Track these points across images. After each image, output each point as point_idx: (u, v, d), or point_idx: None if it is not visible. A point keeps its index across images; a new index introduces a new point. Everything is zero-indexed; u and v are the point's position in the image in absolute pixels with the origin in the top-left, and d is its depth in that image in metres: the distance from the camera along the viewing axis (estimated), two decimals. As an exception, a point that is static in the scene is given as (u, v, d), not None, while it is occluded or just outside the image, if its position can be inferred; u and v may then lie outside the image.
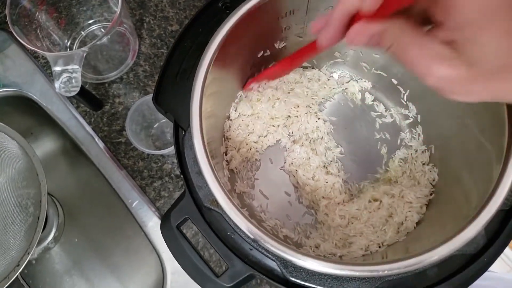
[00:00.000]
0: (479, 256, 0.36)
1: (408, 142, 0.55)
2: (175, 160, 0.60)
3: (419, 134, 0.54)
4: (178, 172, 0.59)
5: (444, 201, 0.47)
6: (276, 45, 0.52)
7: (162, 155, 0.60)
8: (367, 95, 0.58)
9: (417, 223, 0.48)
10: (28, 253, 0.49)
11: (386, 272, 0.34)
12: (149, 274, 0.63)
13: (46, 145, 0.72)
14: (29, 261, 0.66)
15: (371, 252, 0.45)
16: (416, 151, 0.53)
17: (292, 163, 0.53)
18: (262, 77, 0.52)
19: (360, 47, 0.53)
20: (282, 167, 0.55)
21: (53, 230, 0.67)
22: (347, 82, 0.58)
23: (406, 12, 0.29)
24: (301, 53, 0.44)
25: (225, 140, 0.53)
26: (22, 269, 0.48)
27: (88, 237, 0.68)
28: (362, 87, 0.58)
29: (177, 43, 0.42)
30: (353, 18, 0.30)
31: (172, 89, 0.41)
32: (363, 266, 0.35)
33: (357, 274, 0.34)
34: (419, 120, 0.54)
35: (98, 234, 0.68)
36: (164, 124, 0.62)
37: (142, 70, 0.63)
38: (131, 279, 0.64)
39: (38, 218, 0.51)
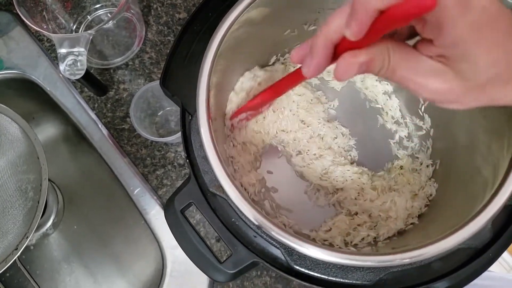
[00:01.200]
0: (485, 251, 0.36)
1: (415, 153, 0.54)
2: (179, 149, 0.59)
3: (428, 148, 0.53)
4: (181, 161, 0.59)
5: (437, 213, 0.47)
6: (305, 27, 0.50)
7: (165, 143, 0.60)
8: (386, 98, 0.56)
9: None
10: (27, 238, 0.48)
11: (389, 262, 0.34)
12: (149, 263, 0.63)
13: (47, 131, 0.71)
14: (27, 247, 0.66)
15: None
16: (421, 163, 0.52)
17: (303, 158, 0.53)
18: (243, 110, 0.49)
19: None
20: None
21: (52, 216, 0.66)
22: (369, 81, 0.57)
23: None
24: (285, 82, 0.40)
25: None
26: (20, 254, 0.47)
27: (87, 224, 0.68)
28: (384, 90, 0.56)
29: (186, 26, 0.41)
30: (338, 45, 0.28)
31: (180, 73, 0.41)
32: (367, 256, 0.35)
33: (360, 263, 0.34)
34: (431, 133, 0.53)
35: (98, 221, 0.68)
36: (168, 112, 0.61)
37: (148, 57, 0.62)
38: (131, 267, 0.64)
39: (38, 203, 0.50)
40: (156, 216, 0.57)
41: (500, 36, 0.24)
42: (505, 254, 1.32)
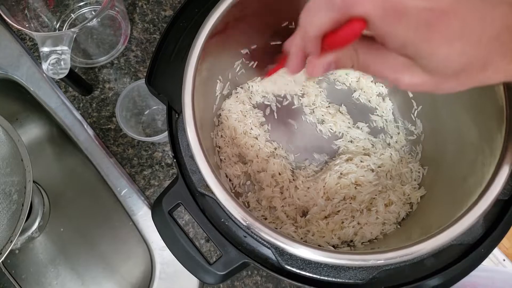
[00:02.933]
0: (477, 246, 0.36)
1: (406, 157, 0.53)
2: (166, 148, 0.58)
3: (417, 153, 0.52)
4: (169, 161, 0.58)
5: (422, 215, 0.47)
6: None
7: (152, 143, 0.58)
8: (380, 100, 0.56)
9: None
10: (11, 242, 0.47)
11: (380, 261, 0.34)
12: (137, 264, 0.61)
13: (31, 132, 0.70)
14: (12, 251, 0.64)
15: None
16: (411, 170, 0.51)
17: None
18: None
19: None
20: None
21: (38, 219, 0.65)
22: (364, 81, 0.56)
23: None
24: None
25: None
26: (5, 259, 0.46)
27: (74, 226, 0.66)
28: (378, 92, 0.56)
29: (172, 22, 0.40)
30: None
31: (166, 70, 0.40)
32: (357, 255, 0.34)
33: (351, 263, 0.34)
34: (422, 139, 0.52)
35: (85, 223, 0.66)
36: (155, 111, 0.60)
37: (133, 55, 0.61)
38: (119, 269, 0.63)
39: (22, 206, 0.49)
40: (144, 217, 0.56)
41: (458, 26, 0.23)
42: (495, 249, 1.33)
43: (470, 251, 0.36)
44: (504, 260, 1.33)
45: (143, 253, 0.58)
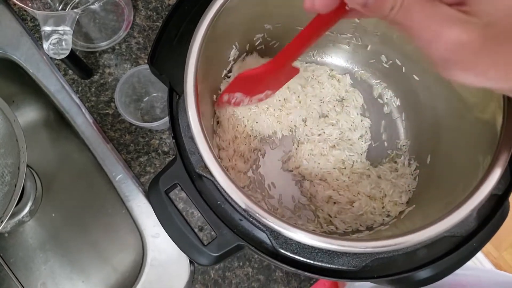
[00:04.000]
0: (469, 240, 0.36)
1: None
2: (164, 136, 0.58)
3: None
4: (165, 148, 0.58)
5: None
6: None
7: (150, 130, 0.58)
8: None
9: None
10: (2, 222, 0.47)
11: (372, 249, 0.34)
12: (128, 251, 0.61)
13: (28, 115, 0.69)
14: (2, 234, 0.64)
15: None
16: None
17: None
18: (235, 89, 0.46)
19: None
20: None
21: (29, 203, 0.64)
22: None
23: None
24: (308, 33, 0.35)
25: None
26: (-6, 242, 0.46)
27: (66, 212, 0.66)
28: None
29: (177, 5, 0.40)
30: None
31: (169, 52, 0.40)
32: (352, 241, 0.34)
33: (344, 249, 0.34)
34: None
35: (78, 209, 0.66)
36: (154, 98, 0.60)
37: (135, 42, 0.61)
38: (109, 256, 0.62)
39: (15, 187, 0.49)
40: (138, 203, 0.56)
41: None
42: (479, 254, 1.34)
43: (462, 244, 0.36)
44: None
45: (135, 240, 0.58)
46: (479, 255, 1.36)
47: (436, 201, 0.42)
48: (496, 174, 0.35)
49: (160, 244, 0.55)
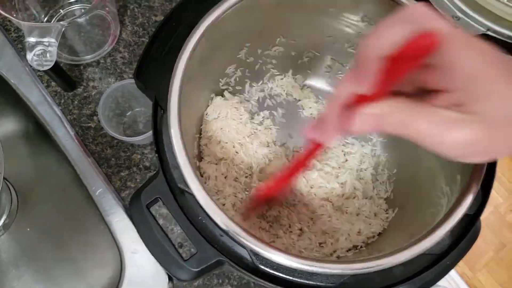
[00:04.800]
0: (443, 257, 0.37)
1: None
2: (145, 151, 0.58)
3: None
4: (147, 163, 0.58)
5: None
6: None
7: (132, 145, 0.58)
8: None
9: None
10: (-26, 234, 0.45)
11: (351, 271, 0.35)
12: (106, 267, 0.60)
13: (6, 127, 0.68)
14: (-28, 248, 0.62)
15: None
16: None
17: None
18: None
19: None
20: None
21: (3, 217, 0.63)
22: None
23: (399, 92, 0.27)
24: (302, 161, 0.39)
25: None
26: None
27: (42, 227, 0.64)
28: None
29: (165, 22, 0.41)
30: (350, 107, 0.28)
31: (155, 67, 0.40)
32: (330, 263, 0.35)
33: (323, 271, 0.34)
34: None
35: (54, 224, 0.64)
36: (137, 112, 0.60)
37: (120, 56, 0.61)
38: (86, 272, 0.61)
39: (-11, 199, 0.48)
40: (117, 218, 0.55)
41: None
42: (454, 275, 1.37)
43: (437, 262, 0.37)
44: (466, 290, 1.36)
45: (113, 256, 0.57)
46: (455, 276, 1.38)
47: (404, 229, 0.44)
48: (470, 195, 0.37)
49: (139, 260, 0.54)
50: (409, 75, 0.26)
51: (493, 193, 1.47)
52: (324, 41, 0.53)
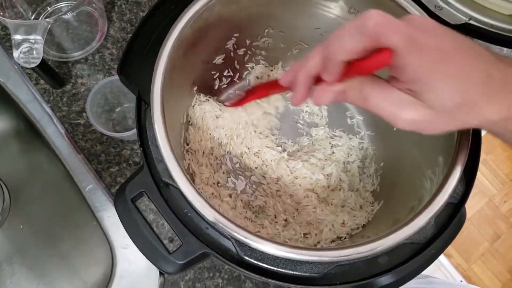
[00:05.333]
0: (428, 246, 0.37)
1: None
2: (135, 147, 0.58)
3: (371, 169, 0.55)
4: (137, 159, 0.58)
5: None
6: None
7: (121, 141, 0.58)
8: None
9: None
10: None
11: (335, 258, 0.35)
12: (98, 265, 0.60)
13: (-3, 125, 0.68)
14: (-35, 247, 0.62)
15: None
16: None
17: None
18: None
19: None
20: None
21: (-4, 215, 0.63)
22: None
23: None
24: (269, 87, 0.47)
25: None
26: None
27: (35, 224, 0.65)
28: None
29: (148, 16, 0.41)
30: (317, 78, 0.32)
31: (139, 62, 0.40)
32: (315, 251, 0.35)
33: (308, 258, 0.35)
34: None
35: (47, 221, 0.65)
36: (126, 109, 0.60)
37: (108, 53, 0.61)
38: (79, 268, 0.61)
39: (-19, 197, 0.48)
40: (108, 214, 0.56)
41: (457, 68, 0.27)
42: (449, 267, 1.37)
43: (421, 251, 0.37)
44: (461, 281, 1.37)
45: (105, 252, 0.57)
46: (450, 268, 1.39)
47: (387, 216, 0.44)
48: (452, 183, 0.37)
49: (130, 255, 0.54)
50: None
51: (488, 184, 1.49)
52: (312, 33, 0.53)
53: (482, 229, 1.44)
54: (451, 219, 0.38)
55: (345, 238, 0.47)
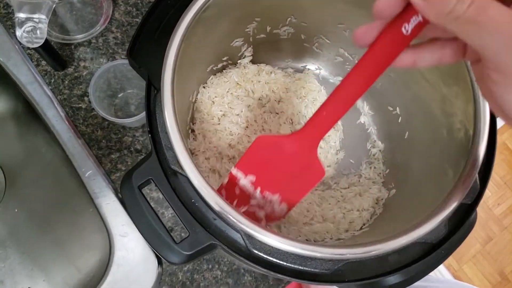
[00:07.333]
0: (439, 247, 0.37)
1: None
2: (137, 134, 0.57)
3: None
4: (138, 146, 0.57)
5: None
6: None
7: (123, 127, 0.57)
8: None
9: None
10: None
11: (348, 255, 0.34)
12: (94, 250, 0.59)
13: (-5, 106, 0.66)
14: (-42, 229, 0.60)
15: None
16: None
17: None
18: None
19: None
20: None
21: (-9, 198, 0.61)
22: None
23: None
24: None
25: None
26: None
27: (31, 208, 0.63)
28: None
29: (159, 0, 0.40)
30: None
31: (149, 46, 0.39)
32: (327, 248, 0.35)
33: (320, 255, 0.34)
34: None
35: (43, 206, 0.63)
36: (129, 94, 0.59)
37: (112, 37, 0.60)
38: (74, 254, 0.60)
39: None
40: (107, 201, 0.54)
41: None
42: (441, 267, 1.38)
43: (432, 251, 0.37)
44: (453, 281, 1.37)
45: (102, 239, 0.56)
46: (441, 267, 1.40)
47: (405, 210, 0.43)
48: (467, 184, 0.36)
49: (128, 244, 0.53)
50: None
51: (483, 186, 1.50)
52: (335, 29, 0.52)
53: (475, 231, 1.44)
54: (463, 220, 0.37)
55: (353, 234, 0.47)
